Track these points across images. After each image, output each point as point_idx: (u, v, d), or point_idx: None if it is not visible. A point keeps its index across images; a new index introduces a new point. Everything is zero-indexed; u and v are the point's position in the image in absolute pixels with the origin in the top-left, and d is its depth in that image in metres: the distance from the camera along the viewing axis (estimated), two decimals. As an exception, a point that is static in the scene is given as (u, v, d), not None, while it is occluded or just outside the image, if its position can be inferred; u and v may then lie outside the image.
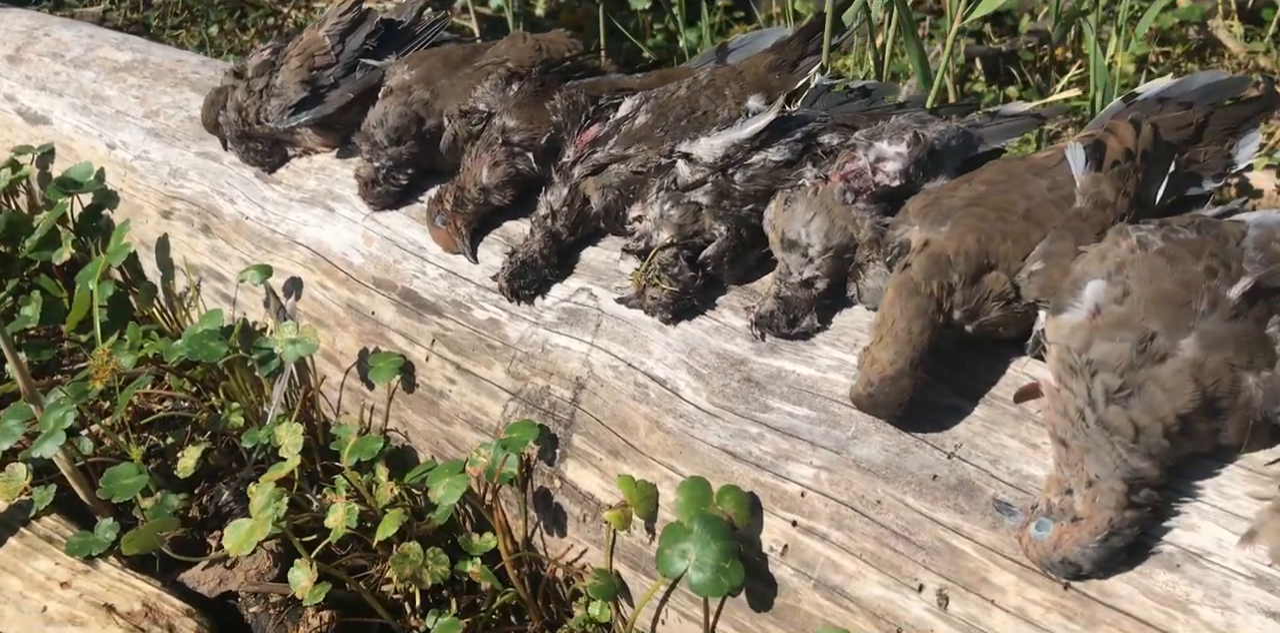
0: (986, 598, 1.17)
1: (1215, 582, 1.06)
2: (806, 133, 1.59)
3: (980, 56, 3.68)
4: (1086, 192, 1.28)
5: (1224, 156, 1.43)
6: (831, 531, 1.29)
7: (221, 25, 4.48)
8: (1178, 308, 1.11)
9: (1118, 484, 1.09)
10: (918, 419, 1.29)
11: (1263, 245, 1.16)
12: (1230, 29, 3.78)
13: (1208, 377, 1.08)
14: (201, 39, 4.30)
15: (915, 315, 1.24)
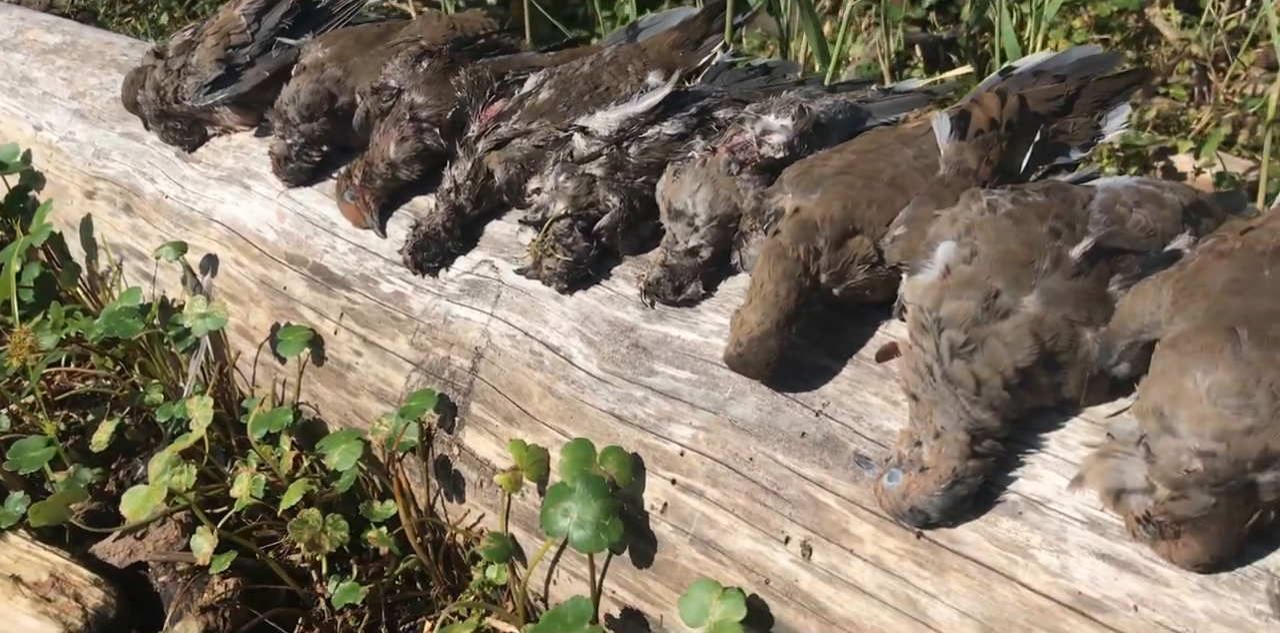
0: (846, 548, 1.23)
1: (1053, 527, 1.12)
2: (701, 108, 1.63)
3: (920, 43, 3.74)
4: (950, 160, 1.34)
5: (1092, 128, 1.49)
6: (707, 488, 1.34)
7: (171, 13, 4.47)
8: (1021, 267, 1.16)
9: (961, 435, 1.15)
10: (790, 380, 1.34)
11: (1108, 208, 1.22)
12: (1168, 17, 3.87)
13: (1047, 332, 1.14)
14: (148, 27, 4.29)
15: (782, 278, 1.29)
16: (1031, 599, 1.11)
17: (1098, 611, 1.07)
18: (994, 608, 1.12)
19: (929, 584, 1.17)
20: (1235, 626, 1.01)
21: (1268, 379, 0.99)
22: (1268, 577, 1.02)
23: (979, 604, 1.13)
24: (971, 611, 1.14)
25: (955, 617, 1.14)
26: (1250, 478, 0.99)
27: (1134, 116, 3.54)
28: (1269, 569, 1.02)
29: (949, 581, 1.16)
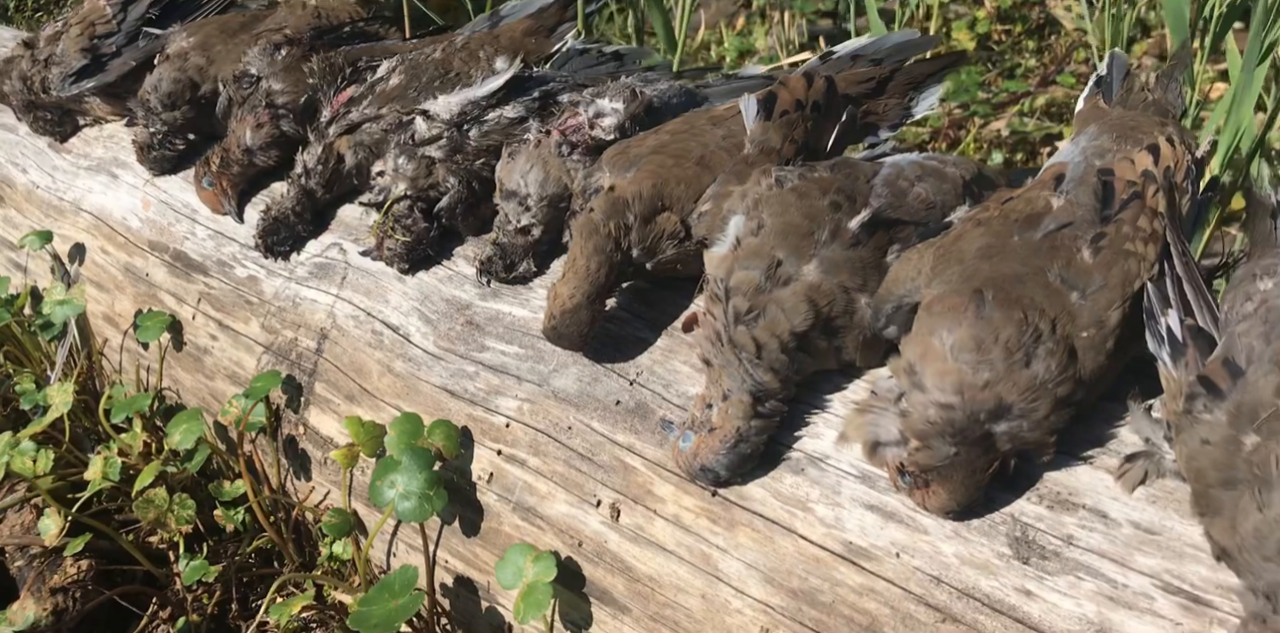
0: (650, 508, 1.30)
1: (830, 482, 1.20)
2: (545, 92, 1.70)
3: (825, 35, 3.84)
4: (755, 139, 1.41)
5: (903, 109, 1.57)
6: (530, 457, 1.41)
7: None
8: (802, 238, 1.24)
9: (745, 397, 1.22)
10: (609, 351, 1.41)
11: (890, 182, 1.30)
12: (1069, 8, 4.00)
13: (823, 298, 1.21)
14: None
15: (594, 253, 1.36)
16: (809, 550, 1.19)
17: (865, 559, 1.15)
18: (776, 560, 1.20)
19: (721, 540, 1.24)
20: (981, 567, 1.09)
21: (1004, 336, 1.08)
22: (1010, 522, 1.10)
23: (763, 557, 1.21)
24: (757, 563, 1.21)
25: (743, 569, 1.22)
26: (986, 429, 1.07)
27: (1026, 104, 3.68)
28: (1013, 515, 1.11)
29: (738, 535, 1.23)
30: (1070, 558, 1.07)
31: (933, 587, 1.11)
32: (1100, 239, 1.14)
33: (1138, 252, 1.13)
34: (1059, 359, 1.08)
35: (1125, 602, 1.02)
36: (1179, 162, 1.21)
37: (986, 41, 4.10)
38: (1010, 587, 1.08)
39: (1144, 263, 1.13)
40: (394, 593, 1.39)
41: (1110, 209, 1.16)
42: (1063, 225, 1.16)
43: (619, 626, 1.32)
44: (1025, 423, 1.07)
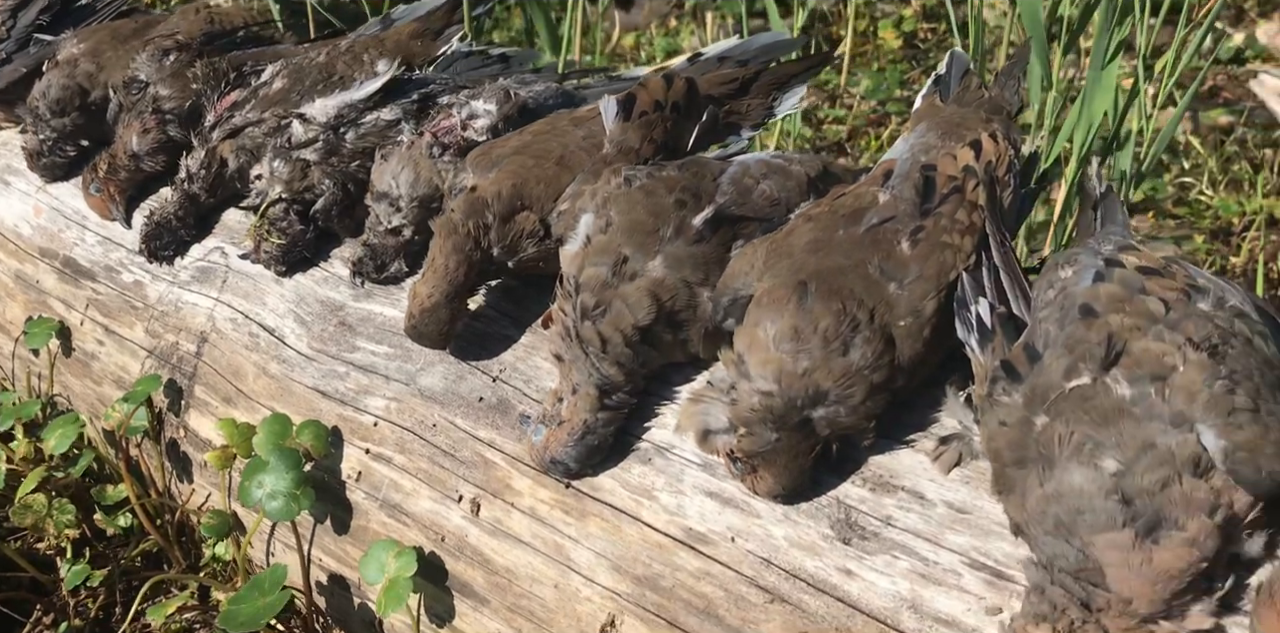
0: (508, 502, 1.34)
1: (675, 470, 1.25)
2: (424, 94, 1.74)
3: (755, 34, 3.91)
4: (614, 139, 1.46)
5: (766, 109, 1.63)
6: (396, 455, 1.45)
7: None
8: (647, 234, 1.29)
9: (592, 390, 1.27)
10: (474, 349, 1.46)
11: (735, 180, 1.36)
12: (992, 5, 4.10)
13: (666, 293, 1.27)
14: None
15: (452, 252, 1.40)
16: (653, 537, 1.24)
17: (703, 544, 1.21)
18: (622, 548, 1.25)
19: (573, 530, 1.29)
20: (808, 549, 1.15)
21: (823, 326, 1.13)
22: (835, 504, 1.16)
23: (611, 545, 1.26)
24: (605, 551, 1.26)
25: (593, 558, 1.27)
26: (806, 414, 1.13)
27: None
28: (838, 498, 1.16)
29: (589, 525, 1.28)
30: (888, 538, 1.12)
31: (763, 569, 1.17)
32: (919, 232, 1.20)
33: (954, 243, 1.19)
34: (875, 347, 1.14)
35: (935, 579, 1.08)
36: (1001, 156, 1.27)
37: (913, 39, 4.19)
38: (833, 567, 1.13)
39: (960, 254, 1.19)
40: (264, 591, 1.42)
41: (930, 203, 1.22)
42: (885, 220, 1.22)
43: (479, 617, 1.36)
44: (842, 408, 1.13)
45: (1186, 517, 0.92)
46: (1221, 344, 0.98)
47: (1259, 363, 0.98)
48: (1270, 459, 0.93)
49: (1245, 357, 0.98)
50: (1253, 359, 0.98)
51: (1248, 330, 1.02)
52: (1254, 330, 1.03)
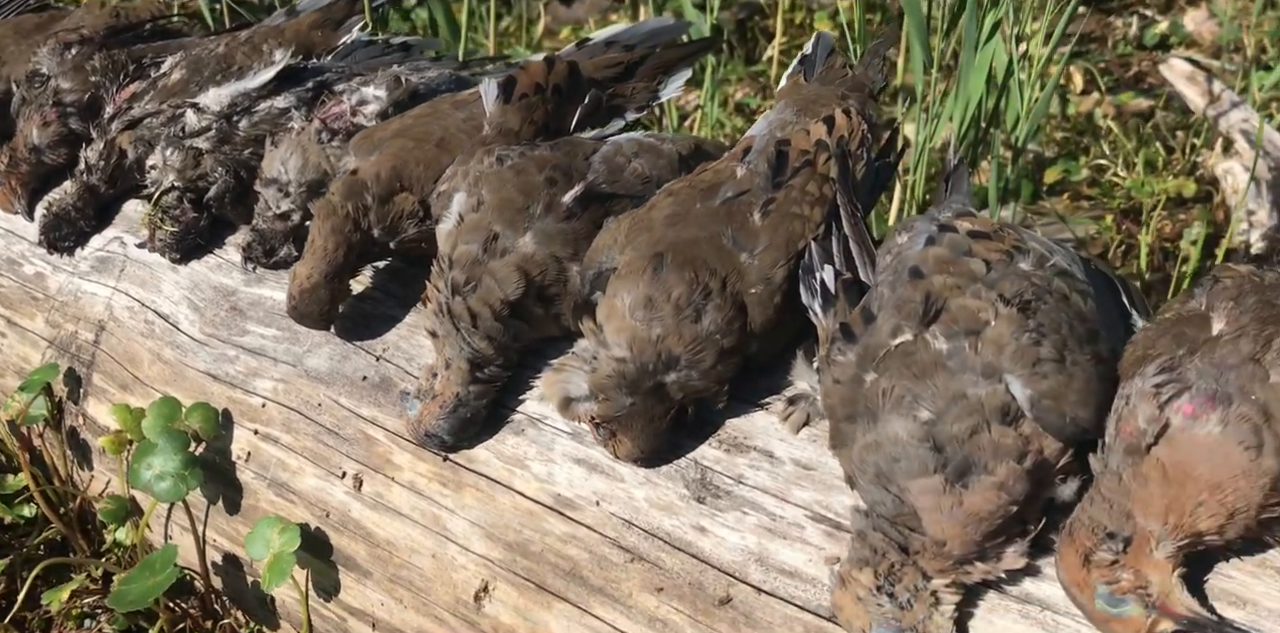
0: (389, 476, 1.39)
1: (546, 440, 1.31)
2: (319, 82, 1.78)
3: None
4: (493, 121, 1.51)
5: (651, 92, 1.69)
6: (283, 434, 1.49)
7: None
8: (517, 212, 1.34)
9: (464, 364, 1.32)
10: (359, 329, 1.50)
11: (607, 159, 1.41)
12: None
13: (535, 268, 1.32)
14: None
15: (330, 233, 1.45)
16: (524, 505, 1.29)
17: (570, 509, 1.26)
18: (495, 516, 1.30)
19: (449, 501, 1.34)
20: (666, 509, 1.21)
21: (676, 295, 1.19)
22: (693, 466, 1.22)
23: (486, 514, 1.31)
24: (479, 520, 1.31)
25: (468, 527, 1.32)
26: (659, 379, 1.18)
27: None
28: (696, 460, 1.22)
29: (465, 496, 1.33)
30: (739, 495, 1.18)
31: (625, 530, 1.22)
32: (770, 204, 1.26)
33: (804, 214, 1.25)
34: (726, 314, 1.20)
35: (781, 532, 1.14)
36: (854, 131, 1.34)
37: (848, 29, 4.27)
38: (688, 525, 1.19)
39: (809, 224, 1.25)
40: (154, 571, 1.46)
41: (782, 176, 1.28)
42: (741, 193, 1.28)
43: (363, 590, 1.41)
44: (694, 372, 1.19)
45: (995, 462, 0.98)
46: (1034, 300, 1.04)
47: (1071, 317, 1.05)
48: (1074, 406, 0.99)
49: (1057, 312, 1.05)
50: (1064, 314, 1.05)
51: (1066, 288, 1.09)
52: (1074, 288, 1.10)
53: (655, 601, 1.18)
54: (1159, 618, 0.94)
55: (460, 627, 1.31)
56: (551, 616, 1.24)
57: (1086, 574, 0.94)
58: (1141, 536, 0.93)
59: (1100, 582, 0.94)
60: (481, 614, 1.29)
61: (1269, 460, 0.90)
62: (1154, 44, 3.62)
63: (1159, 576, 0.93)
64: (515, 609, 1.27)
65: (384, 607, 1.38)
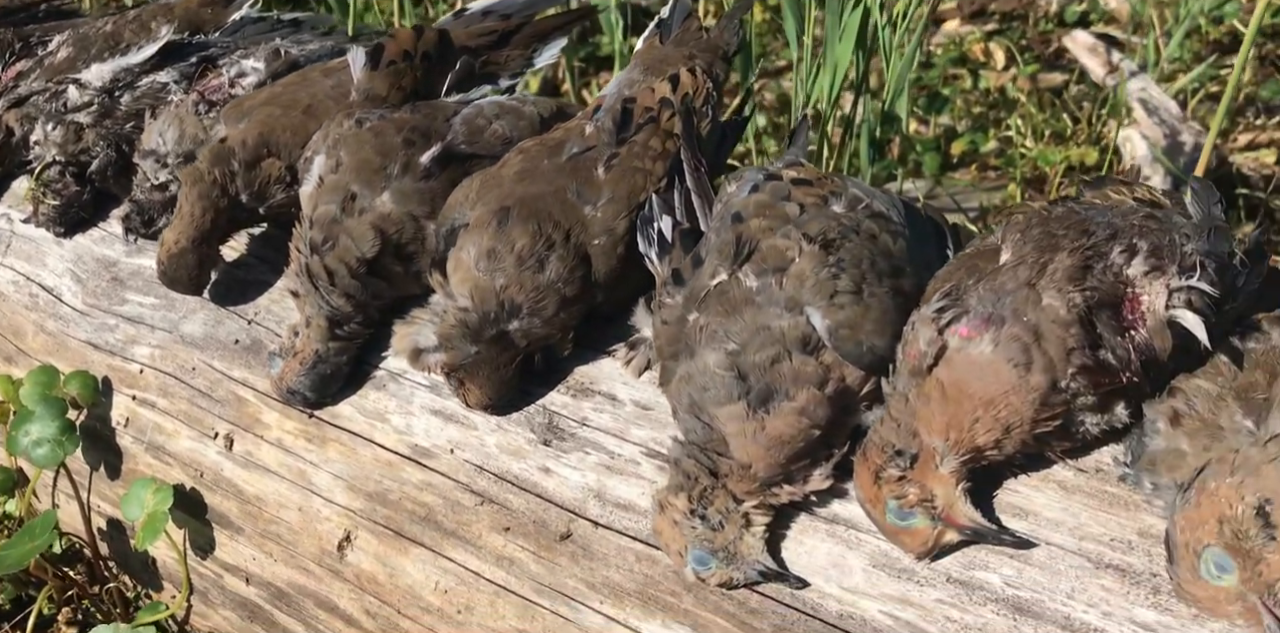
0: (258, 435, 1.45)
1: (405, 394, 1.37)
2: (203, 57, 1.83)
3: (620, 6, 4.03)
4: (360, 87, 1.57)
5: (526, 60, 1.75)
6: (159, 399, 1.55)
7: None
8: (374, 172, 1.40)
9: (323, 321, 1.38)
10: (234, 295, 1.56)
11: (468, 120, 1.47)
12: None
13: (392, 226, 1.38)
14: None
15: (198, 199, 1.50)
16: (383, 456, 1.35)
17: (426, 457, 1.32)
18: (357, 468, 1.36)
19: (314, 456, 1.40)
20: (515, 453, 1.27)
21: (519, 246, 1.25)
22: (542, 411, 1.28)
23: (348, 467, 1.37)
24: (342, 473, 1.37)
25: (331, 480, 1.38)
26: (502, 327, 1.25)
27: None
28: (544, 405, 1.29)
29: (329, 450, 1.39)
30: (583, 437, 1.25)
31: (477, 475, 1.28)
32: (613, 159, 1.32)
33: (645, 168, 1.32)
34: (569, 264, 1.26)
35: (618, 469, 1.21)
36: (699, 89, 1.41)
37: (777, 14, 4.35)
38: (535, 467, 1.26)
39: (651, 177, 1.32)
40: (34, 536, 1.51)
41: (626, 132, 1.35)
42: (587, 149, 1.35)
43: (236, 545, 1.46)
44: (537, 320, 1.26)
45: (796, 389, 1.06)
46: (839, 238, 1.12)
47: (875, 254, 1.12)
48: (870, 335, 1.07)
49: (860, 249, 1.12)
50: (867, 251, 1.12)
51: (876, 228, 1.16)
52: (885, 229, 1.17)
53: (503, 540, 1.24)
54: (944, 529, 1.01)
55: (325, 576, 1.37)
56: (409, 560, 1.30)
57: (878, 490, 1.02)
58: (926, 452, 1.01)
59: (890, 497, 1.01)
60: (345, 563, 1.35)
61: (1037, 377, 0.98)
62: (1074, 21, 3.73)
63: (943, 489, 1.00)
64: (375, 556, 1.33)
65: (255, 561, 1.44)
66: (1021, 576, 1.00)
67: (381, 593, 1.32)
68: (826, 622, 1.05)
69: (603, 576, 1.18)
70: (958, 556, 1.02)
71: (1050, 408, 0.99)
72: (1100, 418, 1.02)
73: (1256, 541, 0.85)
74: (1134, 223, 1.06)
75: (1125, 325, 1.00)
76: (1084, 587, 0.97)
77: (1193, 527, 0.87)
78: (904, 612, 1.02)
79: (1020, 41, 3.62)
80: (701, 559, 1.08)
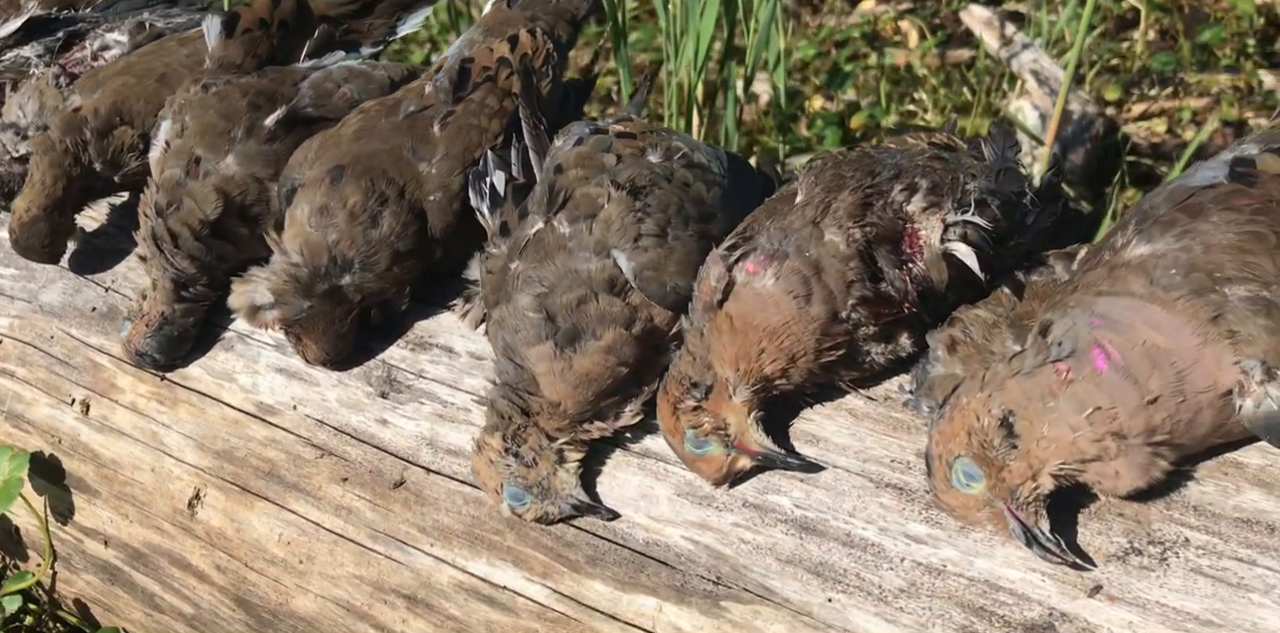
0: (113, 400, 1.49)
1: (252, 354, 1.42)
2: (70, 31, 1.86)
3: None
4: (214, 56, 1.61)
5: (389, 28, 1.80)
6: (18, 368, 1.58)
7: None
8: (218, 136, 1.44)
9: (168, 284, 1.42)
10: (93, 264, 1.60)
11: (316, 84, 1.52)
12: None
13: (235, 188, 1.42)
14: None
15: (49, 168, 1.54)
16: (230, 415, 1.40)
17: (271, 414, 1.37)
18: (206, 427, 1.41)
19: (166, 417, 1.44)
20: (354, 407, 1.33)
21: (352, 202, 1.30)
22: (381, 366, 1.34)
23: (197, 427, 1.42)
24: (192, 433, 1.42)
25: (181, 440, 1.42)
26: (335, 282, 1.30)
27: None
28: (384, 360, 1.34)
29: (179, 412, 1.44)
30: (419, 388, 1.31)
31: (317, 429, 1.34)
32: (449, 116, 1.38)
33: (481, 125, 1.38)
34: (403, 219, 1.32)
35: (450, 417, 1.27)
36: (539, 49, 1.46)
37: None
38: (372, 419, 1.31)
39: (486, 134, 1.38)
40: (-109, 509, 1.54)
41: (463, 91, 1.40)
42: (424, 108, 1.40)
43: (93, 509, 1.50)
44: (369, 275, 1.31)
45: (603, 328, 1.12)
46: (648, 185, 1.18)
47: (684, 201, 1.19)
48: (674, 276, 1.13)
49: (670, 195, 1.18)
50: (677, 197, 1.18)
51: (691, 177, 1.23)
52: (700, 179, 1.24)
53: (341, 490, 1.29)
54: (737, 456, 1.08)
55: (178, 534, 1.41)
56: (254, 514, 1.35)
57: (676, 421, 1.08)
58: (720, 383, 1.07)
59: (687, 427, 1.07)
60: (195, 521, 1.40)
61: (817, 308, 1.05)
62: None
63: (736, 418, 1.07)
64: (223, 512, 1.38)
65: (113, 523, 1.48)
66: (809, 497, 1.07)
67: (230, 548, 1.37)
68: (634, 549, 1.12)
69: (433, 519, 1.23)
70: (754, 482, 1.09)
71: (832, 338, 1.06)
72: (885, 348, 1.10)
73: (1000, 450, 0.93)
74: (919, 163, 1.13)
75: (904, 259, 1.08)
76: (865, 505, 1.04)
77: (945, 439, 0.94)
78: (703, 536, 1.09)
79: (934, 19, 3.73)
80: (516, 496, 1.14)
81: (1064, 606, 0.92)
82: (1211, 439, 0.93)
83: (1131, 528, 0.94)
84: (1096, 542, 0.94)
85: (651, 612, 1.08)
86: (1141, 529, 0.93)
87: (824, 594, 1.02)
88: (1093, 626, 0.91)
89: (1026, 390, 0.92)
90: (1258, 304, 0.90)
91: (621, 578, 1.11)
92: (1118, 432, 0.89)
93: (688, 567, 1.09)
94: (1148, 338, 0.90)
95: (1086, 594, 0.92)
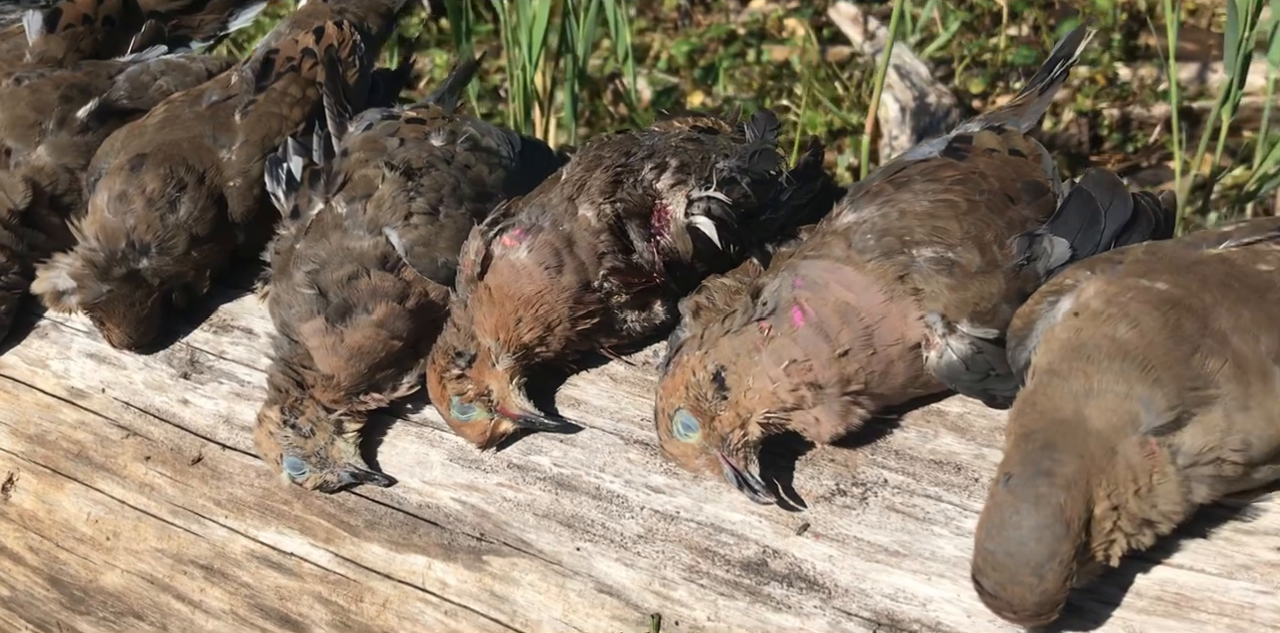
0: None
1: (65, 340, 1.49)
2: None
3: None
4: (36, 50, 1.67)
5: (220, 23, 1.87)
6: None
7: None
8: (29, 127, 1.51)
9: None
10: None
11: (132, 77, 1.59)
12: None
13: (45, 179, 1.49)
14: None
15: None
16: (43, 399, 1.46)
17: (81, 398, 1.44)
18: (19, 413, 1.47)
19: (-18, 406, 1.50)
20: (159, 388, 1.40)
21: (150, 189, 1.37)
22: (186, 348, 1.41)
23: (11, 412, 1.47)
24: (6, 418, 1.47)
25: (-9, 426, 1.49)
26: (133, 267, 1.37)
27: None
28: (189, 343, 1.42)
29: (-8, 399, 1.50)
30: (219, 368, 1.38)
31: (124, 410, 1.40)
32: (250, 105, 1.45)
33: (282, 113, 1.46)
34: (201, 205, 1.39)
35: (246, 395, 1.35)
36: (345, 40, 1.54)
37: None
38: (175, 399, 1.38)
39: (287, 122, 1.46)
40: None
41: (266, 81, 1.48)
42: (228, 97, 1.47)
43: (-90, 499, 1.55)
44: (167, 259, 1.38)
45: (375, 303, 1.20)
46: (424, 167, 1.27)
47: (460, 182, 1.28)
48: (445, 252, 1.22)
49: (445, 176, 1.27)
50: (453, 178, 1.27)
51: (472, 160, 1.32)
52: (484, 162, 1.33)
53: (144, 468, 1.36)
54: (500, 419, 1.17)
55: (-8, 519, 1.47)
56: (64, 495, 1.41)
57: (442, 389, 1.17)
58: (483, 352, 1.16)
59: (453, 394, 1.16)
60: (9, 504, 1.45)
61: (569, 278, 1.14)
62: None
63: (498, 384, 1.16)
64: (36, 494, 1.43)
65: (-71, 512, 1.53)
66: (566, 456, 1.16)
67: (42, 529, 1.43)
68: (408, 512, 1.20)
69: (228, 492, 1.30)
70: (518, 444, 1.18)
71: (585, 306, 1.16)
72: (640, 316, 1.19)
73: (713, 401, 1.03)
74: (673, 145, 1.23)
75: (653, 232, 1.18)
76: (614, 461, 1.14)
77: (668, 393, 1.04)
78: (470, 497, 1.18)
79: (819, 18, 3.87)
80: (295, 465, 1.22)
81: (776, 544, 1.02)
82: (910, 389, 1.04)
83: (840, 471, 1.04)
84: (809, 485, 1.04)
85: (422, 569, 1.17)
86: (848, 472, 1.04)
87: (573, 544, 1.11)
88: (799, 560, 1.01)
89: (735, 346, 1.02)
90: (942, 264, 1.02)
91: (396, 539, 1.19)
92: (813, 382, 1.00)
93: (455, 526, 1.17)
94: (839, 296, 1.01)
95: (795, 532, 1.02)
